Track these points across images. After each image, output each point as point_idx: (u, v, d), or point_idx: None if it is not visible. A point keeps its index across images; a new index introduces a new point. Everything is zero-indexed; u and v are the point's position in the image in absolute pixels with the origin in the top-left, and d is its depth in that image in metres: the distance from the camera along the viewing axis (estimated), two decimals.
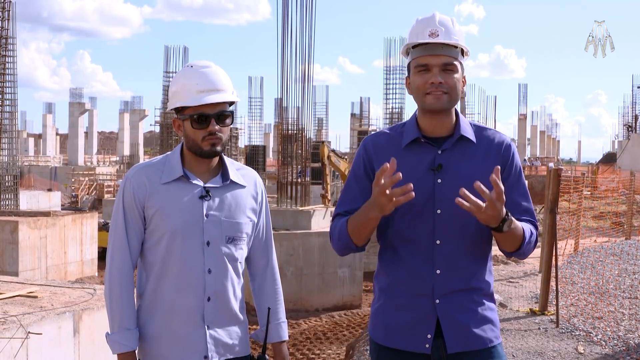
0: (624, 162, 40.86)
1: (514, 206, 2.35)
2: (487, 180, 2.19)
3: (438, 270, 2.30)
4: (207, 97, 2.39)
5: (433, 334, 2.31)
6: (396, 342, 2.37)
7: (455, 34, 2.32)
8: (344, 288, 14.31)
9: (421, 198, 2.27)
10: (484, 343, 2.33)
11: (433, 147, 2.33)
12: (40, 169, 47.81)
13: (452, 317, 2.30)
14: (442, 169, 2.30)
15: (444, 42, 2.29)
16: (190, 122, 2.42)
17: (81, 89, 57.19)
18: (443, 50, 2.30)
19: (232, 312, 2.51)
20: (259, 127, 47.42)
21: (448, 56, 2.30)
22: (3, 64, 16.90)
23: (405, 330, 2.35)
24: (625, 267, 10.99)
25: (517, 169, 2.39)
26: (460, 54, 2.34)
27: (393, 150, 2.36)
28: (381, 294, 2.43)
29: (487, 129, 2.42)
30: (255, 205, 2.58)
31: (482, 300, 2.36)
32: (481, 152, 2.35)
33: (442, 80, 2.29)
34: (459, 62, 2.33)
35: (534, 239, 2.35)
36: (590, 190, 19.55)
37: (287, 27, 16.43)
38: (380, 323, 2.42)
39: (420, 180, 2.29)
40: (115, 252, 2.46)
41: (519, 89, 71.07)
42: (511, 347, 6.28)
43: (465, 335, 2.31)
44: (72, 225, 15.87)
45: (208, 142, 2.42)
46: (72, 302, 5.81)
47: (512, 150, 2.38)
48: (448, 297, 2.31)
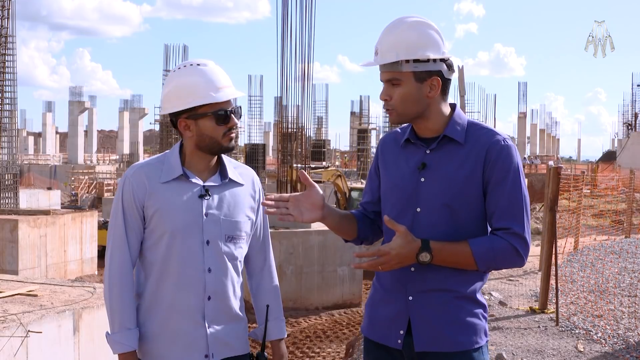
0: (624, 161, 40.84)
1: (492, 210, 2.27)
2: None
3: (412, 267, 2.30)
4: (223, 94, 2.41)
5: (405, 330, 2.32)
6: (375, 335, 2.42)
7: (398, 47, 2.26)
8: (343, 286, 14.30)
9: (406, 195, 2.34)
10: (456, 346, 2.28)
11: (423, 147, 2.37)
12: (40, 167, 47.78)
13: (422, 315, 2.30)
14: (426, 168, 2.32)
15: (377, 64, 2.33)
16: (213, 120, 2.41)
17: (81, 88, 57.15)
18: (384, 67, 2.32)
19: (232, 310, 2.51)
20: (259, 125, 47.27)
21: (390, 72, 2.31)
22: (3, 62, 16.89)
23: (383, 324, 2.39)
24: (625, 265, 11.00)
25: (505, 168, 2.25)
26: (414, 62, 2.26)
27: (394, 149, 2.46)
28: (372, 287, 2.50)
29: (482, 129, 2.34)
30: (253, 204, 2.58)
31: (459, 302, 2.30)
32: (464, 153, 2.30)
33: (387, 97, 2.34)
34: (406, 73, 2.27)
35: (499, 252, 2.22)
36: (590, 189, 19.54)
37: (287, 25, 16.41)
38: (367, 314, 2.48)
39: (407, 178, 2.35)
40: (114, 252, 2.45)
41: (518, 87, 70.85)
42: (511, 345, 6.28)
43: (434, 335, 2.29)
44: (72, 224, 15.87)
45: (228, 137, 2.45)
46: (72, 301, 5.81)
47: (499, 148, 2.26)
48: (421, 295, 2.31)
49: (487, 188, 2.27)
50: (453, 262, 2.24)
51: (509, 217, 2.25)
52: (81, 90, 56.89)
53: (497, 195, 2.26)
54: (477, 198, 2.28)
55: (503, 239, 2.23)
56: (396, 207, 2.36)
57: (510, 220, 2.24)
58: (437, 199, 2.29)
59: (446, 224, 2.29)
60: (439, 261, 2.22)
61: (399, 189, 2.36)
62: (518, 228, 2.24)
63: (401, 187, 2.35)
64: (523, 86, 66.64)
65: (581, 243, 13.35)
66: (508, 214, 2.25)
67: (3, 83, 17.07)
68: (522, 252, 2.25)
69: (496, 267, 2.30)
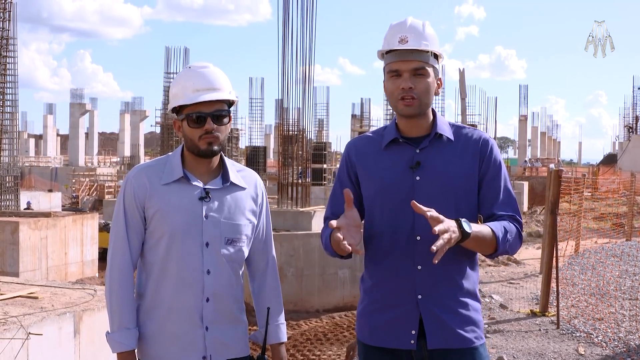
0: (625, 163, 40.81)
1: (494, 199, 2.39)
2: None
3: (419, 266, 2.32)
4: (202, 96, 2.41)
5: (417, 330, 2.33)
6: (381, 341, 2.40)
7: (426, 39, 2.36)
8: (344, 289, 14.29)
9: (400, 196, 2.34)
10: (464, 342, 2.34)
11: (412, 146, 2.39)
12: (41, 169, 47.80)
13: (434, 313, 2.32)
14: (420, 167, 2.35)
15: (412, 49, 2.33)
16: (187, 121, 2.44)
17: (82, 90, 57.14)
18: (413, 56, 2.34)
19: (231, 312, 2.51)
20: (260, 128, 47.29)
21: (418, 61, 2.34)
22: (4, 64, 16.88)
23: (390, 328, 2.37)
24: (626, 269, 10.99)
25: (497, 163, 2.42)
26: (433, 57, 2.37)
27: (373, 152, 2.45)
28: (365, 295, 2.48)
29: (466, 128, 2.48)
30: (255, 207, 2.58)
31: (465, 299, 2.37)
32: (459, 149, 2.40)
33: (412, 86, 2.34)
34: (430, 66, 2.36)
35: (513, 235, 2.35)
36: (590, 192, 19.52)
37: (288, 27, 16.41)
38: (366, 323, 2.46)
39: (399, 179, 2.36)
40: (116, 252, 2.47)
41: (519, 90, 71.02)
42: (512, 348, 6.27)
43: (446, 333, 2.32)
44: (73, 226, 15.87)
45: (205, 141, 2.43)
46: (73, 303, 5.81)
47: (490, 145, 2.43)
48: (431, 293, 2.33)
49: (483, 181, 2.39)
50: (480, 241, 2.25)
51: (508, 206, 2.40)
52: (82, 92, 56.94)
53: (496, 187, 2.40)
54: (472, 190, 2.38)
55: (511, 224, 2.36)
56: (389, 208, 2.37)
57: (511, 209, 2.40)
58: (437, 195, 2.33)
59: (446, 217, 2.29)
60: (472, 238, 2.20)
61: (392, 191, 2.37)
62: (518, 216, 2.40)
63: (394, 188, 2.36)
64: (524, 89, 66.69)
65: (582, 246, 13.34)
66: (508, 203, 2.40)
67: (4, 85, 17.06)
68: (522, 236, 2.42)
69: (506, 251, 2.35)
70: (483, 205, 2.40)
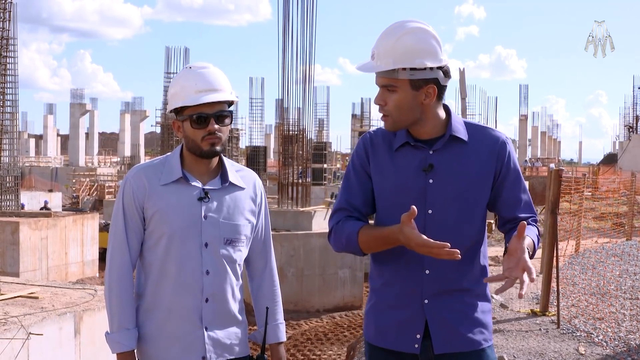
0: (625, 163, 40.78)
1: (516, 203, 2.37)
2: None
3: (427, 270, 2.29)
4: (205, 97, 2.40)
5: (422, 334, 2.30)
6: (386, 342, 2.37)
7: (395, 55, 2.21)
8: (344, 289, 14.30)
9: (412, 199, 2.26)
10: (472, 345, 2.31)
11: (424, 148, 2.31)
12: (41, 169, 47.82)
13: (440, 317, 2.30)
14: (433, 169, 2.29)
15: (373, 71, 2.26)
16: (189, 123, 2.43)
17: (82, 90, 57.19)
18: (380, 73, 2.25)
19: (230, 313, 2.51)
20: (260, 128, 47.30)
21: (384, 78, 2.25)
22: (4, 64, 16.88)
23: (395, 330, 2.35)
24: (626, 268, 10.98)
25: (516, 165, 2.39)
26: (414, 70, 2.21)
27: (386, 152, 2.36)
28: (373, 293, 2.45)
29: (481, 127, 2.39)
30: (254, 207, 2.58)
31: (473, 301, 2.34)
32: (474, 151, 2.31)
33: (381, 102, 2.27)
34: (403, 80, 2.22)
35: (538, 238, 2.38)
36: (591, 191, 19.50)
37: (288, 27, 16.43)
38: (371, 322, 2.43)
39: (411, 182, 2.30)
40: (115, 253, 2.47)
41: (519, 89, 71.06)
42: (512, 347, 6.27)
43: (453, 337, 2.30)
44: (73, 226, 15.88)
45: (207, 141, 2.42)
46: (73, 303, 5.81)
47: (509, 147, 2.36)
48: (437, 297, 2.30)
49: (504, 184, 2.35)
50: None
51: (529, 208, 2.41)
52: (82, 92, 56.98)
53: (518, 191, 2.38)
54: (485, 192, 2.33)
55: (535, 226, 2.37)
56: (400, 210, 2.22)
57: (531, 210, 2.41)
58: (451, 199, 2.28)
59: (459, 221, 2.28)
60: None
61: (404, 193, 2.29)
62: (536, 217, 2.43)
63: (406, 189, 2.28)
64: (524, 89, 66.82)
65: (582, 245, 13.33)
66: (528, 205, 2.40)
67: (4, 85, 17.06)
68: None
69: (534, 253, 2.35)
70: (504, 208, 2.37)
